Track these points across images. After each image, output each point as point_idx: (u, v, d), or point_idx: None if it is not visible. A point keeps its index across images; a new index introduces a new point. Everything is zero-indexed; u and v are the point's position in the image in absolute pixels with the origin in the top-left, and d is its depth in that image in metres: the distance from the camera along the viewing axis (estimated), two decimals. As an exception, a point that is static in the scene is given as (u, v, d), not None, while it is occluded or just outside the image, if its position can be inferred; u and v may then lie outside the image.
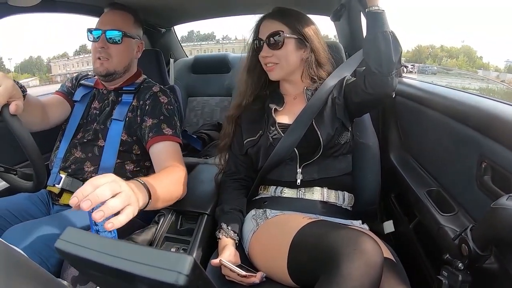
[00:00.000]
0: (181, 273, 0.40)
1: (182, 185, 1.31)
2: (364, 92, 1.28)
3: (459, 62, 66.63)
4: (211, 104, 2.66)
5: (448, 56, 71.43)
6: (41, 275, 0.56)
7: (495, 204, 0.80)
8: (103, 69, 1.50)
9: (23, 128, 1.07)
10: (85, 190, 0.78)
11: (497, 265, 0.89)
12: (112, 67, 1.51)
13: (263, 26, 1.40)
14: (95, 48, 1.49)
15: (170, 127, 1.46)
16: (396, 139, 1.75)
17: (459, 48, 72.77)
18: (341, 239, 0.92)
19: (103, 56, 1.49)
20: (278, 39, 1.35)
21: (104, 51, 1.48)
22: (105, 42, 1.48)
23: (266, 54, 1.37)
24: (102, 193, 0.79)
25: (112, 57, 1.50)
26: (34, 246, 1.14)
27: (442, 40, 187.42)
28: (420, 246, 1.42)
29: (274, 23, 1.37)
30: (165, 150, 1.41)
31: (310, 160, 1.33)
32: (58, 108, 1.57)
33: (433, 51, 73.43)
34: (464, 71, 53.97)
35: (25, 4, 1.40)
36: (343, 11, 1.94)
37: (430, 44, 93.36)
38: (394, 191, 1.71)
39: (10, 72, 78.61)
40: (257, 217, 1.31)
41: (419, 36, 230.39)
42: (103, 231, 0.79)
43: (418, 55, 71.77)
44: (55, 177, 1.46)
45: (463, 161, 1.15)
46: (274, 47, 1.36)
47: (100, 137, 1.49)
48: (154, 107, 1.49)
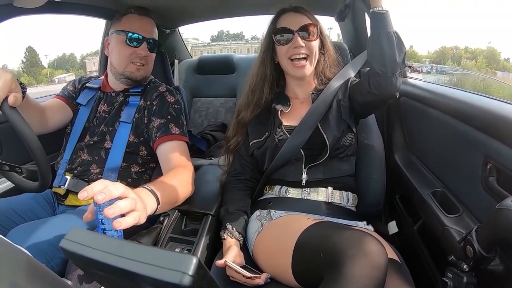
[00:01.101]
0: (185, 273, 0.40)
1: (189, 185, 1.32)
2: (369, 92, 1.28)
3: (478, 63, 67.25)
4: (215, 105, 2.66)
5: (470, 58, 71.85)
6: (46, 274, 0.56)
7: (500, 205, 0.80)
8: (140, 75, 1.55)
9: (24, 121, 1.07)
10: (96, 186, 0.80)
11: (502, 266, 0.88)
12: (146, 73, 1.58)
13: (289, 18, 1.38)
14: (133, 53, 1.51)
15: (177, 126, 1.47)
16: (401, 139, 1.75)
17: (483, 50, 73.69)
18: (345, 240, 0.92)
19: (141, 63, 1.53)
20: (311, 31, 1.35)
21: (143, 58, 1.53)
22: (147, 50, 1.52)
23: (301, 44, 1.34)
24: (115, 190, 0.80)
25: (148, 64, 1.56)
26: (39, 245, 1.15)
27: (469, 41, 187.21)
28: (425, 247, 1.42)
29: (302, 17, 1.37)
30: (172, 150, 1.42)
31: (316, 162, 1.33)
32: (57, 112, 1.58)
33: (457, 52, 74.09)
34: (474, 72, 54.32)
35: (30, 6, 1.40)
36: (347, 12, 1.93)
37: (455, 45, 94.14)
38: (398, 192, 1.70)
39: (45, 68, 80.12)
40: (262, 217, 1.31)
41: (446, 37, 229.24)
42: (110, 229, 0.80)
43: (442, 56, 72.79)
44: (61, 178, 1.47)
45: (468, 162, 1.15)
46: (308, 39, 1.35)
47: (107, 139, 1.50)
48: (161, 107, 1.51)
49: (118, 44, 1.51)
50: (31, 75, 76.14)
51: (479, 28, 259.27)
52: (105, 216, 0.77)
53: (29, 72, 76.90)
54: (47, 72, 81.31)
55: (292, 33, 1.34)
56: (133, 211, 0.85)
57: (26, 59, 79.70)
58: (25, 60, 79.65)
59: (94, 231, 0.60)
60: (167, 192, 1.10)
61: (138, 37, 1.50)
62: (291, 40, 1.34)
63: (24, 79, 74.28)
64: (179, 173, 1.28)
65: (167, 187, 1.12)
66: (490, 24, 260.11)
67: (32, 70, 77.64)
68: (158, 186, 1.07)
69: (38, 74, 76.81)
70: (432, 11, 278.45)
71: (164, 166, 1.41)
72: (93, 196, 0.77)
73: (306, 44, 1.34)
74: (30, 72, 76.85)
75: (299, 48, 1.34)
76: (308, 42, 1.35)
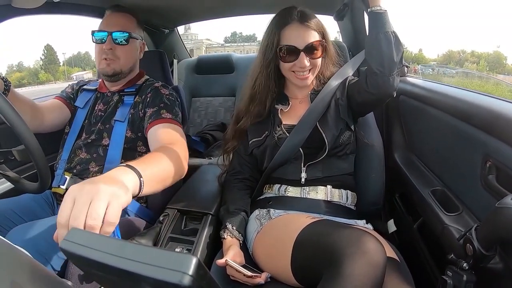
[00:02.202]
0: (185, 273, 0.40)
1: (181, 161, 1.18)
2: (366, 91, 1.28)
3: (479, 67, 69.87)
4: (214, 104, 2.66)
5: (476, 62, 74.10)
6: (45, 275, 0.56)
7: (499, 204, 0.80)
8: (110, 69, 1.52)
9: (15, 112, 1.02)
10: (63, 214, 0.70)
11: (502, 264, 0.88)
12: (119, 67, 1.54)
13: (294, 32, 1.31)
14: (101, 49, 1.50)
15: (169, 113, 1.45)
16: (400, 138, 1.75)
17: (490, 54, 75.44)
18: (344, 239, 0.92)
19: (109, 57, 1.51)
20: (317, 49, 1.32)
21: (111, 53, 1.50)
22: (112, 44, 1.50)
23: (306, 64, 1.31)
24: (78, 216, 0.69)
25: (119, 58, 1.53)
26: (38, 246, 1.14)
27: (479, 44, 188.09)
28: (425, 246, 1.42)
29: (308, 32, 1.31)
30: (161, 130, 1.37)
31: (315, 160, 1.34)
32: (55, 112, 1.58)
33: (463, 56, 75.68)
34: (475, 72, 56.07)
35: (28, 6, 1.40)
36: (346, 11, 1.94)
37: (461, 49, 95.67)
38: (398, 191, 1.71)
39: (62, 65, 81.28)
40: (261, 217, 1.31)
41: (456, 40, 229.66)
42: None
43: (448, 59, 75.49)
44: (60, 178, 1.47)
45: (468, 160, 1.15)
46: (313, 56, 1.32)
47: (105, 136, 1.50)
48: (155, 98, 1.51)
49: (94, 45, 1.54)
50: (49, 72, 77.29)
51: (489, 31, 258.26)
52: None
53: (47, 69, 78.00)
54: (64, 69, 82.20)
55: (298, 52, 1.30)
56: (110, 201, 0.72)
57: (44, 56, 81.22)
58: (44, 58, 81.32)
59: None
60: (151, 167, 0.97)
61: (101, 34, 1.50)
62: (296, 58, 1.31)
63: (42, 75, 75.07)
64: (166, 149, 1.17)
65: (150, 161, 1.01)
66: (501, 28, 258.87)
67: (50, 68, 79.09)
68: (138, 161, 0.96)
69: (56, 72, 78.02)
70: (443, 12, 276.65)
71: (152, 146, 1.36)
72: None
73: (311, 62, 1.32)
74: (48, 69, 78.08)
75: (303, 69, 1.32)
76: (313, 60, 1.33)
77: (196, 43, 73.52)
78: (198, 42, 74.23)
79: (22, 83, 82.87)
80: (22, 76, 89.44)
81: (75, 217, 0.68)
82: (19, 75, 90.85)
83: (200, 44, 73.73)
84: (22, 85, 77.96)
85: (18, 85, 77.59)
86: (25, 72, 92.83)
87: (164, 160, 1.08)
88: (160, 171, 1.02)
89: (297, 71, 1.34)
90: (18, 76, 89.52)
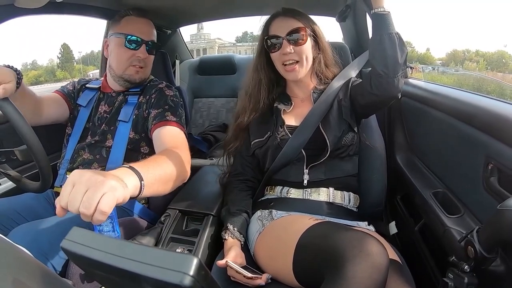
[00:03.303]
0: (186, 273, 0.40)
1: (183, 165, 1.19)
2: (370, 93, 1.28)
3: (479, 66, 71.84)
4: (216, 105, 2.66)
5: (475, 61, 76.29)
6: (46, 274, 0.56)
7: (501, 206, 0.79)
8: (138, 77, 1.54)
9: (17, 112, 1.05)
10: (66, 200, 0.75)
11: (503, 267, 0.88)
12: (145, 75, 1.56)
13: (278, 23, 1.39)
14: (132, 56, 1.50)
15: (174, 115, 1.45)
16: (402, 140, 1.75)
17: (493, 53, 77.89)
18: (346, 241, 0.92)
19: (140, 65, 1.52)
20: (299, 36, 1.35)
21: (142, 61, 1.51)
22: (145, 53, 1.51)
23: (289, 51, 1.35)
24: (74, 203, 0.74)
25: (147, 66, 1.55)
26: (39, 245, 1.14)
27: (486, 43, 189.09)
28: (426, 248, 1.41)
29: (290, 21, 1.37)
30: (165, 133, 1.38)
31: (317, 162, 1.33)
32: (53, 105, 1.57)
33: (468, 55, 77.27)
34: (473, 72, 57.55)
35: (31, 6, 1.40)
36: (348, 12, 1.93)
37: (466, 48, 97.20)
38: (400, 193, 1.70)
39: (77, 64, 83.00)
40: (263, 218, 1.31)
41: (464, 39, 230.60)
42: (108, 231, 0.79)
43: (453, 58, 77.19)
44: (62, 178, 1.47)
45: (470, 162, 1.15)
46: (296, 44, 1.36)
47: (109, 137, 1.50)
48: (159, 99, 1.51)
49: (116, 46, 1.51)
50: (66, 70, 78.68)
51: (497, 30, 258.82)
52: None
53: (64, 68, 79.61)
54: (79, 67, 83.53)
55: (280, 39, 1.36)
56: (105, 193, 0.74)
57: (61, 55, 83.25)
58: (60, 56, 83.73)
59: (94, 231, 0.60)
60: (153, 169, 0.98)
61: (136, 39, 1.49)
62: (280, 47, 1.36)
63: (59, 73, 76.42)
64: (170, 152, 1.18)
65: (152, 164, 1.01)
66: (508, 27, 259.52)
67: (66, 66, 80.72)
68: (141, 163, 0.97)
69: (72, 69, 79.43)
70: (452, 11, 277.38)
71: (157, 149, 1.37)
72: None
73: (295, 49, 1.36)
74: (65, 68, 79.73)
75: (288, 55, 1.36)
76: (297, 47, 1.36)
77: (209, 43, 74.13)
78: (211, 42, 74.84)
79: (39, 80, 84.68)
80: (39, 74, 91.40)
81: (70, 203, 0.73)
82: (35, 73, 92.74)
83: (213, 43, 74.32)
84: (39, 83, 79.98)
85: (35, 83, 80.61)
86: (42, 70, 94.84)
87: (167, 164, 1.09)
88: (162, 174, 1.03)
89: (286, 64, 1.38)
90: (35, 74, 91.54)
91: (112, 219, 0.80)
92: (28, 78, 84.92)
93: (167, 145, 1.29)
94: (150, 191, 0.94)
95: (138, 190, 0.88)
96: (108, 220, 0.78)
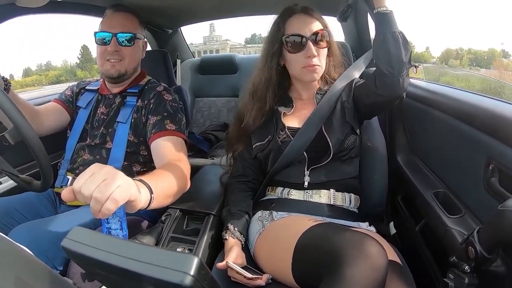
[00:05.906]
0: (187, 273, 0.40)
1: (185, 179, 1.24)
2: (375, 93, 1.27)
3: (462, 63, 74.67)
4: (217, 104, 2.67)
5: (458, 58, 78.59)
6: (47, 273, 0.56)
7: (502, 207, 0.79)
8: (115, 71, 1.51)
9: (23, 118, 1.03)
10: (80, 186, 0.76)
11: (504, 268, 0.88)
12: (124, 69, 1.53)
13: (299, 22, 1.32)
14: (105, 51, 1.49)
15: (173, 123, 1.44)
16: (403, 141, 1.74)
17: (485, 51, 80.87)
18: (345, 242, 0.92)
19: (115, 59, 1.50)
20: (324, 38, 1.33)
21: (116, 54, 1.50)
22: (117, 45, 1.49)
23: (314, 53, 1.30)
24: (89, 187, 0.75)
25: (124, 59, 1.52)
26: (40, 245, 1.15)
27: (483, 42, 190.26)
28: (427, 248, 1.41)
29: (313, 20, 1.33)
30: (166, 145, 1.38)
31: (318, 164, 1.33)
32: (53, 116, 1.58)
33: (460, 54, 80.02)
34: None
35: (33, 5, 1.40)
36: (350, 12, 1.93)
37: (459, 47, 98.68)
38: (401, 193, 1.70)
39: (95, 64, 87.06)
40: (263, 218, 1.31)
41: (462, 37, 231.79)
42: (116, 228, 0.80)
43: (446, 56, 79.23)
44: (63, 178, 1.48)
45: (470, 162, 1.14)
46: (320, 46, 1.32)
47: (108, 140, 1.51)
48: (158, 104, 1.50)
49: (96, 46, 1.52)
50: (86, 70, 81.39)
51: (495, 29, 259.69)
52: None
53: (83, 68, 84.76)
54: (93, 68, 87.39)
55: (305, 40, 1.30)
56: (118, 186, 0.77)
57: (81, 55, 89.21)
58: (80, 57, 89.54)
59: (97, 230, 0.60)
60: (160, 183, 1.03)
61: (105, 35, 1.48)
62: (304, 47, 1.31)
63: (80, 73, 79.76)
64: (173, 166, 1.22)
65: (159, 178, 1.06)
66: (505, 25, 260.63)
67: (86, 66, 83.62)
68: (149, 177, 1.01)
69: (91, 69, 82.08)
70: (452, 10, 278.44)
71: (157, 162, 1.37)
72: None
73: (318, 52, 1.31)
74: (84, 67, 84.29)
75: (312, 59, 1.31)
76: (320, 49, 1.32)
77: (221, 44, 75.21)
78: (223, 43, 75.91)
79: (60, 79, 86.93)
80: (59, 74, 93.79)
81: (86, 185, 0.75)
82: (55, 73, 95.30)
83: (224, 44, 75.41)
84: (60, 82, 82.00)
85: (56, 82, 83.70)
86: (62, 71, 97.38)
87: (171, 178, 1.13)
88: (167, 188, 1.08)
89: (307, 65, 1.32)
90: (55, 73, 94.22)
91: (121, 217, 0.81)
92: (49, 78, 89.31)
93: (167, 158, 1.31)
94: (156, 203, 0.98)
95: (147, 202, 0.92)
96: (116, 218, 0.80)
